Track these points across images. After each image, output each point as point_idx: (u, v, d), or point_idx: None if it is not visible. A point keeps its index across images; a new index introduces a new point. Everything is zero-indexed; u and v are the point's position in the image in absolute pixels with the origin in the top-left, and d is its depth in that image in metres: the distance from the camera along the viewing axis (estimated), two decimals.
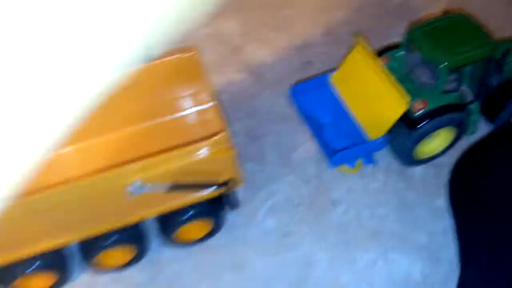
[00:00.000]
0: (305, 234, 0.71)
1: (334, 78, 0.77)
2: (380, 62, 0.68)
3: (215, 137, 0.59)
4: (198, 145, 0.59)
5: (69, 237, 0.64)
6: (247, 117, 0.82)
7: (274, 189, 0.76)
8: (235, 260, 0.70)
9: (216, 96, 0.66)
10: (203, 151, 0.59)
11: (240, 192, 0.74)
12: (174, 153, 0.59)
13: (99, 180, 0.57)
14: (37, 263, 0.65)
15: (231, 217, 0.74)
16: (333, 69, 0.77)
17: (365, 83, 0.71)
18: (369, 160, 0.74)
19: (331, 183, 0.76)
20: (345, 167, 0.75)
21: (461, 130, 0.71)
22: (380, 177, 0.75)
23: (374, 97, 0.70)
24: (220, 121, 0.62)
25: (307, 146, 0.80)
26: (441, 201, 0.72)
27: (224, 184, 0.63)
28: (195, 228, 0.70)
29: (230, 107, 0.78)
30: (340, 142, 0.72)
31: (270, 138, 0.81)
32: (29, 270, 0.65)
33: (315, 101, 0.78)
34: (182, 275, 0.70)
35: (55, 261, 0.67)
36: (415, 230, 0.70)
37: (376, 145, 0.71)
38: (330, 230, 0.71)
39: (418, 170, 0.76)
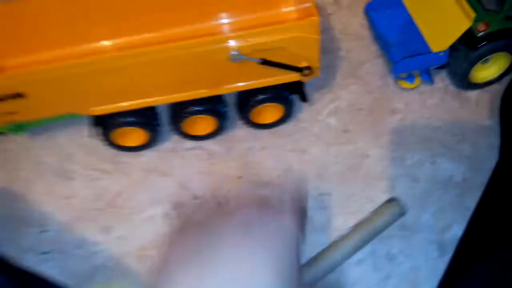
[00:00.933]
0: (363, 133, 0.80)
1: None
2: None
3: (306, 20, 0.66)
4: (288, 24, 0.66)
5: (164, 97, 0.74)
6: (322, 33, 0.83)
7: (339, 94, 0.85)
8: (298, 146, 0.80)
9: None
10: (293, 31, 0.66)
11: (309, 91, 0.83)
12: (266, 28, 0.66)
13: (204, 42, 0.66)
14: (131, 119, 0.76)
15: (298, 113, 0.83)
16: None
17: (433, 0, 0.76)
18: (428, 77, 0.80)
19: (392, 95, 0.83)
20: (405, 82, 0.82)
21: None
22: (438, 95, 0.82)
23: (441, 12, 0.74)
24: (311, 6, 0.68)
25: (374, 62, 0.88)
26: (491, 122, 0.78)
27: (304, 69, 0.70)
28: (268, 111, 0.79)
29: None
30: (405, 54, 0.78)
31: (340, 52, 0.89)
32: (124, 124, 0.76)
33: (388, 18, 0.84)
34: (251, 151, 0.81)
35: (148, 120, 0.77)
36: (462, 142, 0.77)
37: (437, 58, 0.76)
38: (385, 132, 0.80)
39: (473, 94, 0.82)
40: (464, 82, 0.79)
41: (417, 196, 0.73)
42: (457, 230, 0.70)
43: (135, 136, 0.81)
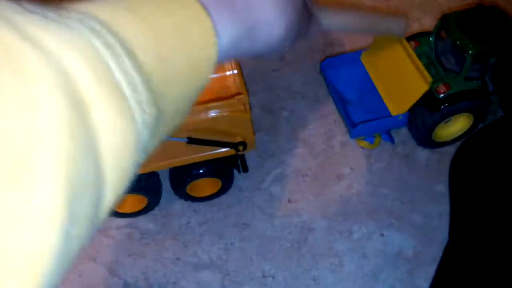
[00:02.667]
0: (308, 203, 0.75)
1: (364, 56, 0.79)
2: (407, 44, 0.71)
3: (235, 98, 0.62)
4: (217, 103, 0.62)
5: None
6: (264, 91, 0.86)
7: (283, 159, 0.80)
8: (239, 219, 0.74)
9: (239, 66, 0.69)
10: (221, 110, 0.62)
11: (250, 159, 0.78)
12: (196, 107, 0.61)
13: None
14: None
15: (239, 181, 0.77)
16: (363, 48, 0.80)
17: (392, 63, 0.74)
18: (388, 137, 0.76)
19: (338, 160, 0.79)
20: (365, 142, 0.78)
21: (480, 118, 0.74)
22: (385, 158, 0.78)
23: (399, 76, 0.72)
24: (240, 86, 0.64)
25: (318, 123, 0.83)
26: (441, 187, 0.74)
27: (238, 145, 0.66)
28: (205, 185, 0.73)
29: (249, 81, 0.80)
30: (363, 116, 0.74)
31: (284, 112, 0.85)
32: None
33: (344, 76, 0.80)
34: (188, 228, 0.74)
35: None
36: (412, 211, 0.73)
37: (397, 122, 0.73)
38: (331, 201, 0.75)
39: (422, 156, 0.78)
40: (427, 142, 0.76)
41: (366, 274, 0.68)
42: None
43: None
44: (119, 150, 0.16)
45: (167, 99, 0.20)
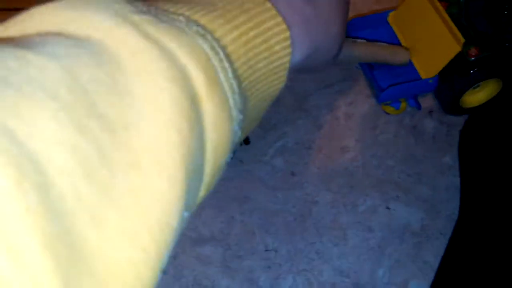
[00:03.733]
0: (311, 175, 0.72)
1: (392, 17, 0.75)
2: (439, 4, 0.66)
3: None
4: None
5: None
6: None
7: (285, 131, 0.76)
8: (240, 193, 0.72)
9: None
10: None
11: (252, 130, 0.72)
12: None
13: None
14: None
15: (240, 153, 0.74)
16: (392, 8, 0.75)
17: (421, 24, 0.69)
18: (415, 103, 0.73)
19: (343, 131, 0.76)
20: (390, 108, 0.74)
21: (507, 84, 0.70)
22: (391, 129, 0.75)
23: (430, 38, 0.68)
24: None
25: (321, 93, 0.80)
26: (449, 159, 0.72)
27: None
28: None
29: None
30: (390, 80, 0.70)
31: (287, 82, 0.80)
32: None
33: (370, 38, 0.75)
34: None
35: None
36: (419, 183, 0.70)
37: (427, 86, 0.69)
38: (336, 174, 0.72)
39: (429, 127, 0.76)
40: (454, 108, 0.73)
41: (371, 248, 0.66)
42: (415, 287, 0.63)
43: None
44: (218, 145, 0.18)
45: (249, 105, 0.22)
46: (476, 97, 0.74)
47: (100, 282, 0.13)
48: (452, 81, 0.70)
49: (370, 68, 0.74)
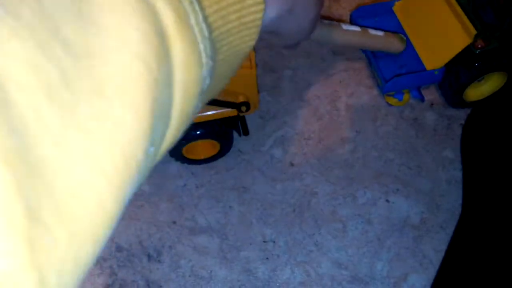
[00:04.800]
0: (311, 166, 0.71)
1: (398, 7, 0.74)
2: None
3: None
4: None
5: None
6: (265, 49, 0.81)
7: (285, 120, 0.75)
8: (238, 183, 0.71)
9: None
10: None
11: (251, 120, 0.73)
12: None
13: None
14: None
15: (239, 143, 0.73)
16: None
17: (430, 13, 0.68)
18: (419, 94, 0.72)
19: (343, 122, 0.75)
20: (393, 100, 0.74)
21: None
22: (392, 121, 0.75)
23: (438, 28, 0.67)
24: None
25: (323, 83, 0.79)
26: (449, 152, 0.71)
27: (241, 105, 0.61)
28: (202, 148, 0.69)
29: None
30: (394, 71, 0.69)
31: (286, 71, 0.80)
32: None
33: (375, 26, 0.74)
34: (185, 190, 0.70)
35: None
36: (419, 176, 0.70)
37: (433, 77, 0.68)
38: (335, 165, 0.71)
39: (430, 119, 0.75)
40: (457, 101, 0.72)
41: (371, 241, 0.65)
42: (414, 281, 0.62)
43: None
44: (186, 88, 0.17)
45: (220, 57, 0.21)
46: (479, 90, 0.73)
47: (60, 203, 0.13)
48: (456, 72, 0.69)
49: (374, 58, 0.73)
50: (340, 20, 0.80)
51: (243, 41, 0.23)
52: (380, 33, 0.66)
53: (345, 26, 0.59)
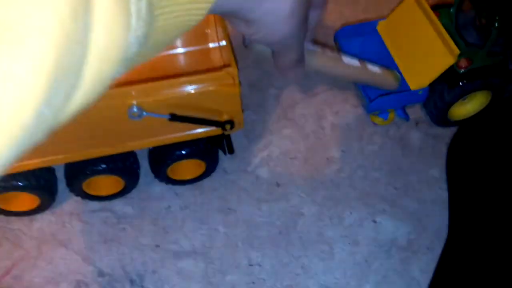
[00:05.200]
0: (297, 187, 0.71)
1: (382, 26, 0.74)
2: (431, 12, 0.67)
3: (222, 70, 0.56)
4: (202, 76, 0.56)
5: (58, 157, 0.61)
6: (251, 67, 0.80)
7: (271, 140, 0.75)
8: (224, 204, 0.69)
9: (228, 37, 0.63)
10: (207, 84, 0.56)
11: (236, 139, 0.73)
12: (177, 80, 0.55)
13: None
14: (19, 183, 0.62)
15: (224, 163, 0.72)
16: (381, 17, 0.75)
17: (413, 33, 0.69)
18: (403, 114, 0.73)
19: (329, 141, 0.75)
20: (379, 119, 0.74)
21: (499, 97, 0.71)
22: (377, 140, 0.74)
23: (422, 47, 0.68)
24: (229, 58, 0.58)
25: (308, 102, 0.79)
26: (435, 172, 0.71)
27: (225, 123, 0.60)
28: (187, 168, 0.68)
29: (237, 56, 0.74)
30: (379, 90, 0.68)
31: (272, 90, 0.80)
32: (11, 189, 0.62)
33: (359, 46, 0.74)
34: (168, 212, 0.69)
35: (39, 183, 0.64)
36: (405, 196, 0.69)
37: (417, 97, 0.69)
38: (321, 185, 0.71)
39: (415, 139, 0.75)
40: (442, 120, 0.72)
41: (358, 263, 0.64)
42: None
43: (24, 200, 0.67)
44: (105, 51, 0.16)
45: (157, 24, 0.19)
46: (464, 109, 0.74)
47: None
48: (441, 92, 0.69)
49: None
50: (324, 43, 0.80)
51: (189, 13, 0.21)
52: (377, 69, 0.66)
53: (346, 59, 0.59)
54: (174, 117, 0.57)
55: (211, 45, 0.73)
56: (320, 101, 0.79)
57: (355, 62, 0.58)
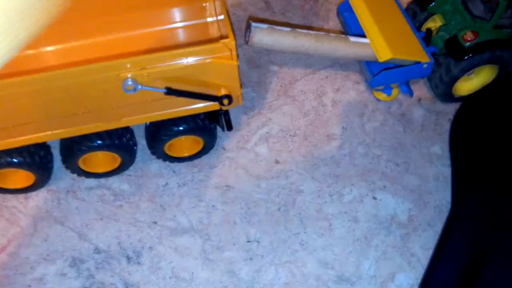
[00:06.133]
0: (296, 163, 0.69)
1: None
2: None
3: (220, 42, 0.54)
4: (199, 48, 0.54)
5: (52, 133, 0.60)
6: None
7: (270, 117, 0.74)
8: (221, 181, 0.68)
9: (226, 10, 0.62)
10: (204, 56, 0.54)
11: (235, 117, 0.72)
12: (173, 52, 0.53)
13: (91, 70, 0.52)
14: (14, 160, 0.61)
15: (222, 140, 0.71)
16: None
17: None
18: (408, 89, 0.71)
19: (329, 118, 0.73)
20: (382, 95, 0.72)
21: (503, 71, 0.69)
22: (379, 117, 0.73)
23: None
24: (227, 31, 0.56)
25: (309, 79, 0.77)
26: (437, 148, 0.70)
27: (223, 98, 0.59)
28: (185, 144, 0.67)
29: (235, 32, 0.72)
30: (383, 64, 0.67)
31: (272, 66, 0.78)
32: (5, 165, 0.61)
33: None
34: (166, 189, 0.68)
35: (34, 160, 0.63)
36: (406, 173, 0.68)
37: (421, 70, 0.67)
38: (321, 162, 0.69)
39: (417, 115, 0.73)
40: (447, 95, 0.71)
41: (357, 239, 0.63)
42: (402, 280, 0.61)
43: (19, 177, 0.66)
44: None
45: None
46: (470, 84, 0.72)
47: None
48: (447, 66, 0.68)
49: None
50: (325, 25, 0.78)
51: None
52: (361, 40, 0.65)
53: (353, 39, 0.59)
54: (170, 91, 0.55)
55: (209, 19, 0.71)
56: (321, 78, 0.78)
57: (365, 40, 0.56)
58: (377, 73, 0.66)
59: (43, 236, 0.65)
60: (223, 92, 0.59)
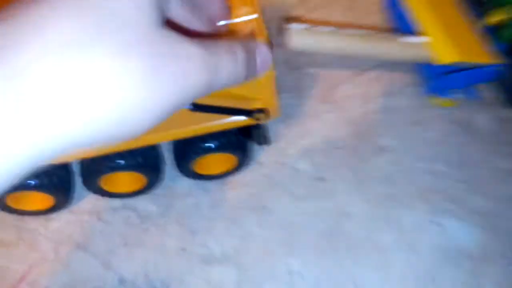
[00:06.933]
0: (342, 181, 0.61)
1: None
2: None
3: None
4: None
5: (73, 154, 0.53)
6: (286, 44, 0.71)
7: (310, 127, 0.65)
8: (258, 202, 0.61)
9: (261, 9, 0.53)
10: None
11: (272, 127, 0.63)
12: None
13: None
14: (30, 182, 0.55)
15: (258, 154, 0.63)
16: None
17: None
18: (472, 93, 0.61)
19: (379, 127, 0.64)
20: (439, 100, 0.62)
21: None
22: (439, 126, 0.63)
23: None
24: (260, 34, 0.48)
25: (354, 82, 0.68)
26: (508, 162, 0.60)
27: (257, 112, 0.51)
28: (216, 162, 0.60)
29: (270, 30, 0.65)
30: (442, 66, 0.57)
31: (310, 69, 0.70)
32: (22, 189, 0.55)
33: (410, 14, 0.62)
34: (196, 211, 0.61)
35: (51, 182, 0.57)
36: (474, 193, 0.59)
37: (487, 74, 0.57)
38: (372, 180, 0.60)
39: (485, 123, 0.63)
40: None
41: (419, 275, 0.55)
42: None
43: (38, 200, 0.60)
44: None
45: None
46: None
47: None
48: None
49: None
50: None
51: None
52: (408, 40, 0.56)
53: (405, 38, 0.51)
54: (196, 107, 0.48)
55: (240, 19, 0.63)
56: (368, 80, 0.68)
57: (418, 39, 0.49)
58: (435, 77, 0.57)
59: (65, 263, 0.60)
60: (257, 105, 0.51)
